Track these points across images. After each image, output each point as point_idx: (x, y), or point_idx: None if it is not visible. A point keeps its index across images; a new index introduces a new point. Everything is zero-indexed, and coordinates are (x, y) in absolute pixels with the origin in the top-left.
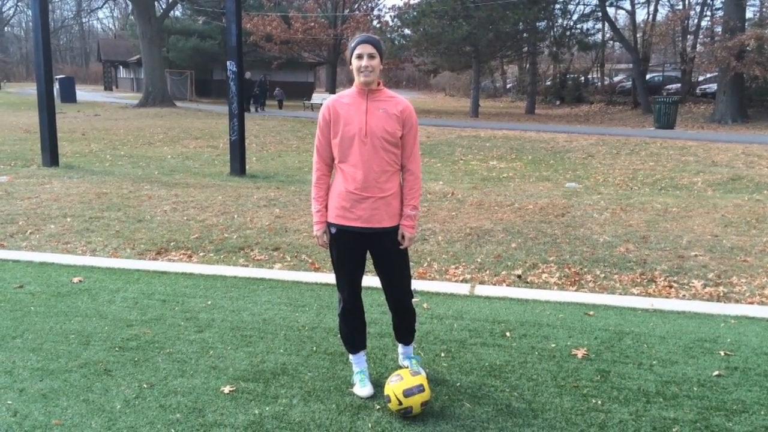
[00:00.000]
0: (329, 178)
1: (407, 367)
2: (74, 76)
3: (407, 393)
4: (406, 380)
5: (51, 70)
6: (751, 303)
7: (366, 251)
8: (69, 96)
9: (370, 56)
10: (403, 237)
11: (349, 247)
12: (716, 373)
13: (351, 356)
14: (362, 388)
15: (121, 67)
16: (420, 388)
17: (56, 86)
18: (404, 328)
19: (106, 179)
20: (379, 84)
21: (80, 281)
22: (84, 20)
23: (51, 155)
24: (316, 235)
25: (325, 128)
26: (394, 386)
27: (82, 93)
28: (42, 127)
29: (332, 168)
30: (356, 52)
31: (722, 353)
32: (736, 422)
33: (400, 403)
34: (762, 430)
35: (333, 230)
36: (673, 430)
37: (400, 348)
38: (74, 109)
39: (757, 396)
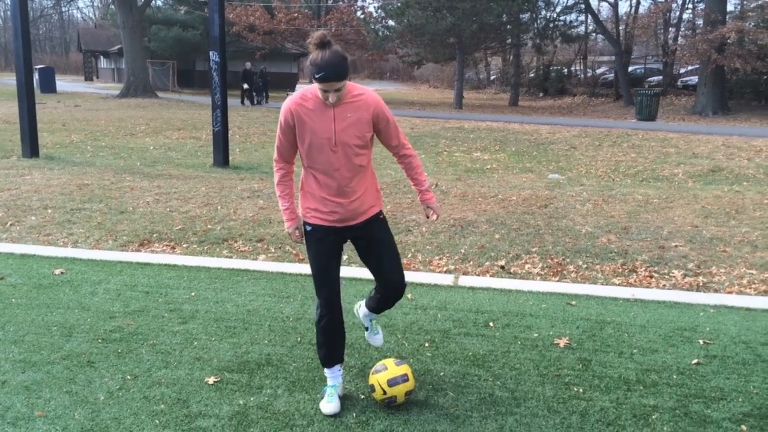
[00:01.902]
0: (293, 174)
1: (366, 328)
2: (54, 66)
3: (391, 382)
4: (390, 370)
5: (30, 60)
6: (730, 292)
7: (342, 245)
8: (49, 86)
9: (337, 90)
10: (430, 209)
11: (326, 240)
12: (695, 361)
13: (326, 369)
14: (328, 404)
15: (101, 57)
16: (404, 378)
17: (36, 76)
18: (388, 307)
19: (87, 170)
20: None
21: (62, 273)
22: (64, 9)
23: (31, 146)
24: (288, 232)
25: (288, 132)
26: (379, 376)
27: (62, 83)
28: (21, 117)
29: (294, 164)
30: (319, 85)
31: (701, 342)
32: (714, 409)
33: (385, 393)
34: (739, 416)
35: (308, 228)
36: (653, 417)
37: (369, 312)
38: (54, 100)
39: (735, 383)
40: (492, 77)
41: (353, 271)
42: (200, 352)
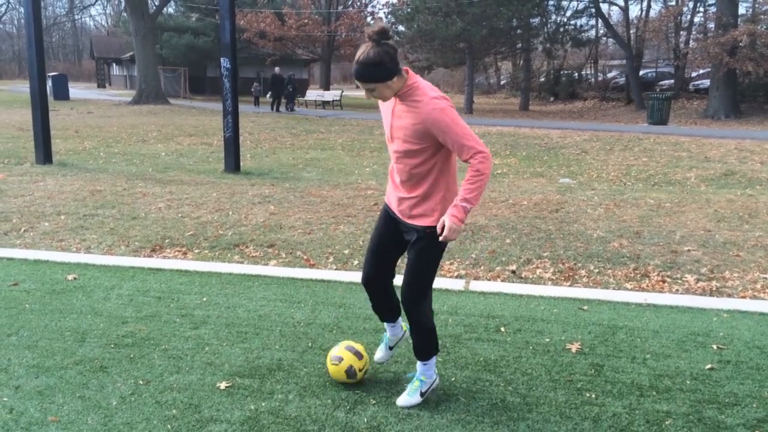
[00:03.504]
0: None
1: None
2: (67, 73)
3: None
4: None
5: (44, 68)
6: (744, 297)
7: (399, 234)
8: (62, 93)
9: (368, 90)
10: (442, 223)
11: (385, 218)
12: (709, 366)
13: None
14: (376, 350)
15: (114, 64)
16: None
17: (49, 84)
18: (412, 336)
19: (100, 177)
20: (407, 84)
21: (75, 279)
22: (76, 17)
23: (44, 153)
24: None
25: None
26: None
27: (75, 90)
28: (35, 124)
29: None
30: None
31: (715, 347)
32: (728, 415)
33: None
34: (754, 422)
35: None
36: (666, 423)
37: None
38: (67, 107)
39: (749, 389)
40: (502, 82)
41: None
42: (212, 357)
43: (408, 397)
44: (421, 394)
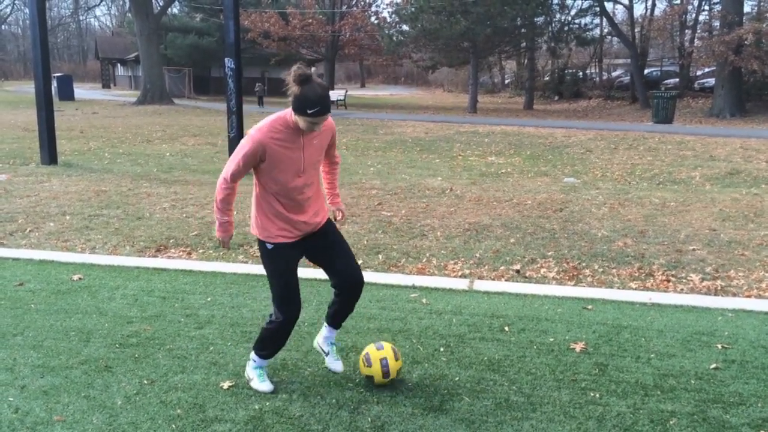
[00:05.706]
0: (236, 192)
1: (326, 353)
2: (72, 74)
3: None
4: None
5: (49, 68)
6: (749, 296)
7: (301, 256)
8: (67, 94)
9: (323, 122)
10: (340, 212)
11: (290, 257)
12: (713, 366)
13: (261, 360)
14: (262, 383)
15: (119, 64)
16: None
17: (54, 84)
18: (349, 310)
19: (104, 177)
20: None
21: (80, 279)
22: (81, 18)
23: (49, 153)
24: (221, 240)
25: (252, 162)
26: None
27: (80, 91)
28: (40, 125)
29: (238, 184)
30: (311, 119)
31: (719, 346)
32: (733, 414)
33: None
34: (759, 422)
35: (269, 246)
36: (671, 422)
37: (328, 331)
38: (72, 107)
39: (754, 388)
40: (506, 81)
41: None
42: (216, 357)
43: (341, 362)
44: None
